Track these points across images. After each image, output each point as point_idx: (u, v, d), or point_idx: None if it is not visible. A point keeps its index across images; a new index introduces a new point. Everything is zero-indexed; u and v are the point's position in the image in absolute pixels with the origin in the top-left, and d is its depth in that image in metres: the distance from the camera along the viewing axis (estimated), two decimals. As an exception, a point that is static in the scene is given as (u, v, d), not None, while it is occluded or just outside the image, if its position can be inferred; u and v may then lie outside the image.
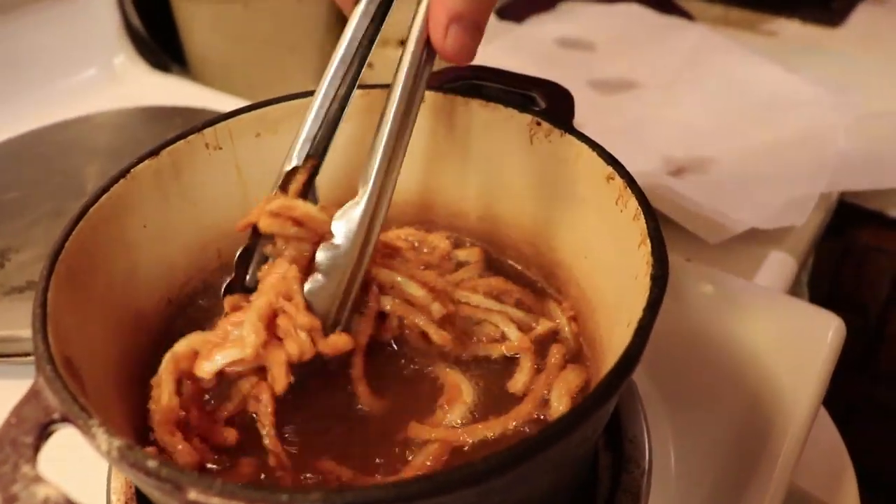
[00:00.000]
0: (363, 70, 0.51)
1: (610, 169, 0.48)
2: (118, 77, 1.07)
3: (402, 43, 0.47)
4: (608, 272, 0.49)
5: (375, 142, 0.46)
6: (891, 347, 1.15)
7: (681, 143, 0.92)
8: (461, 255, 0.58)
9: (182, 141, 0.54)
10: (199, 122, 0.54)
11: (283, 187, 0.51)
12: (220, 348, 0.44)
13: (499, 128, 0.55)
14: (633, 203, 0.45)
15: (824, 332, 0.65)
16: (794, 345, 0.63)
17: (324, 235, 0.47)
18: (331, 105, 0.50)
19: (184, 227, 0.55)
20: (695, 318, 0.65)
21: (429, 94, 0.56)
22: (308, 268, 0.47)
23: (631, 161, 0.86)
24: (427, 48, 0.46)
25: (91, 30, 1.06)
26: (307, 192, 0.51)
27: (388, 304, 0.50)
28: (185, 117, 0.93)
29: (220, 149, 0.55)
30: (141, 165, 0.51)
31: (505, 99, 0.56)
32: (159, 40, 1.15)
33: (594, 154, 0.49)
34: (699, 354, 0.63)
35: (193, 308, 0.57)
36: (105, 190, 0.49)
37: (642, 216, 0.44)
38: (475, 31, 0.45)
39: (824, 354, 0.63)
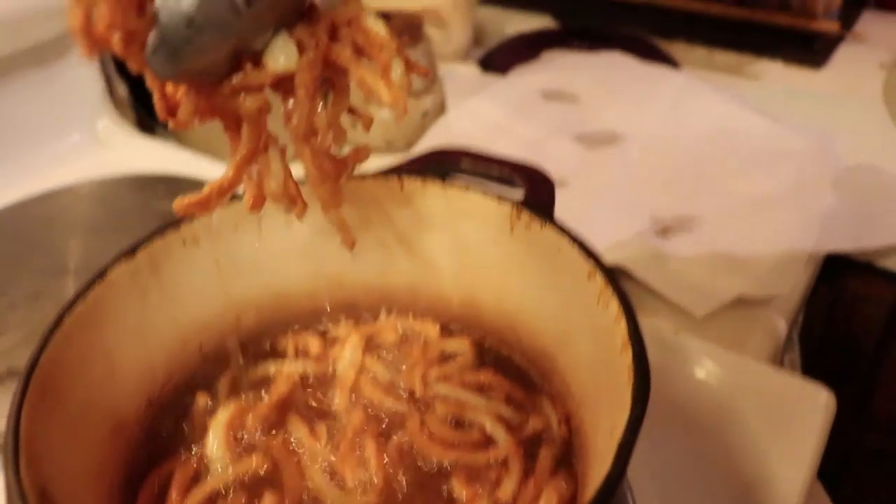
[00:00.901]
0: None
1: (590, 266, 0.47)
2: (102, 141, 1.06)
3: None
4: (592, 369, 0.48)
5: None
6: (884, 394, 1.15)
7: (667, 200, 0.91)
8: (451, 345, 0.58)
9: (158, 238, 0.53)
10: (174, 219, 0.53)
11: None
12: None
13: (479, 216, 0.54)
14: (615, 304, 0.45)
15: (815, 406, 0.64)
16: (785, 422, 0.63)
17: None
18: None
19: (163, 324, 0.55)
20: (682, 396, 0.65)
21: (408, 181, 0.56)
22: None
23: (618, 223, 0.87)
24: None
25: (74, 94, 1.05)
26: None
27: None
28: (168, 186, 0.92)
29: (198, 244, 0.55)
30: (117, 268, 0.50)
31: (485, 184, 0.55)
32: (143, 102, 1.14)
33: (574, 249, 0.49)
34: (689, 438, 0.63)
35: (175, 406, 0.56)
36: (80, 296, 0.48)
37: (624, 319, 0.43)
38: None
39: (816, 430, 0.62)
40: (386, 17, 0.71)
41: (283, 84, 0.36)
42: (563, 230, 0.50)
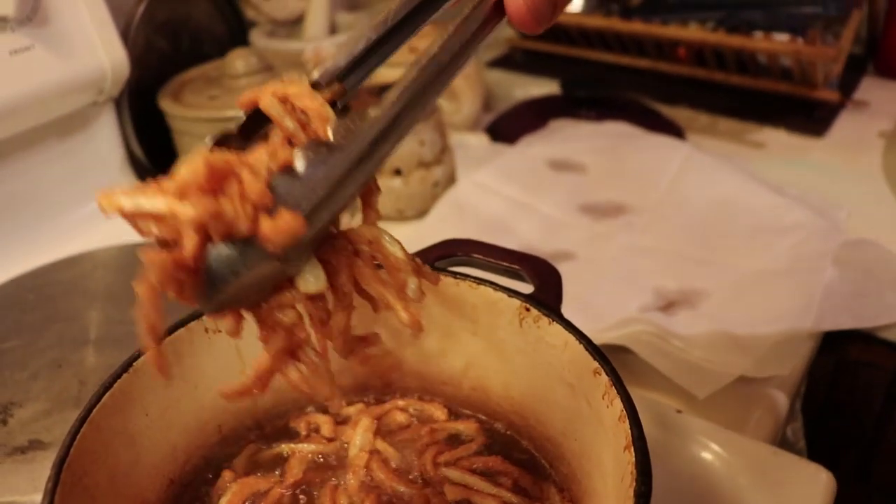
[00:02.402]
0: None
1: (596, 364, 0.50)
2: (121, 208, 1.09)
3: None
4: (596, 462, 0.50)
5: (409, 69, 0.41)
6: (886, 460, 1.16)
7: (671, 274, 0.94)
8: (460, 427, 0.60)
9: (183, 329, 0.56)
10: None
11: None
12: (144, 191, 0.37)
13: (488, 310, 0.57)
14: (619, 403, 0.47)
15: (815, 486, 0.66)
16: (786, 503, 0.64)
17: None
18: (388, 34, 0.43)
19: (185, 408, 0.57)
20: (683, 476, 0.67)
21: (421, 274, 0.58)
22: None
23: (623, 297, 0.89)
24: (496, 7, 0.43)
25: (95, 163, 1.09)
26: None
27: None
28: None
29: (220, 332, 0.57)
30: (143, 358, 0.53)
31: (494, 278, 0.58)
32: (161, 167, 1.17)
33: (581, 346, 0.51)
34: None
35: (195, 485, 0.58)
36: (108, 387, 0.50)
37: (627, 420, 0.45)
38: (552, 1, 0.42)
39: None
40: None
41: (314, 298, 0.40)
42: (570, 326, 0.52)
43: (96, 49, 0.99)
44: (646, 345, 0.78)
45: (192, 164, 0.35)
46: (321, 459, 0.59)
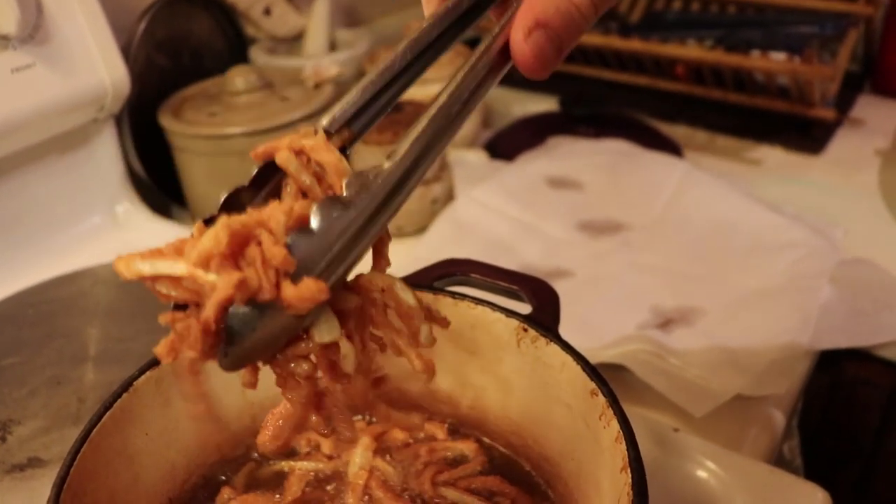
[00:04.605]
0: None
1: (594, 385, 0.50)
2: (121, 224, 1.10)
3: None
4: (594, 482, 0.51)
5: (419, 119, 0.41)
6: (883, 478, 1.16)
7: (668, 292, 0.94)
8: (460, 447, 0.60)
9: (182, 346, 0.56)
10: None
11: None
12: (162, 255, 0.38)
13: (486, 330, 0.57)
14: (616, 424, 0.47)
15: (811, 506, 0.66)
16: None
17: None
18: (394, 78, 0.43)
19: (184, 427, 0.57)
20: (679, 494, 0.67)
21: (421, 295, 0.58)
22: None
23: (620, 315, 0.89)
24: (502, 53, 0.44)
25: (95, 179, 1.09)
26: None
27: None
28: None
29: (220, 351, 0.57)
30: (142, 377, 0.53)
31: (492, 298, 0.58)
32: (161, 183, 1.18)
33: (578, 367, 0.51)
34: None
35: (195, 501, 0.58)
36: (108, 407, 0.51)
37: (624, 442, 0.46)
38: (557, 46, 0.43)
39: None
40: (398, 107, 0.74)
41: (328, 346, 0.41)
42: (567, 347, 0.53)
43: (97, 66, 1.00)
44: (643, 363, 0.79)
45: (214, 233, 0.36)
46: (321, 477, 0.60)
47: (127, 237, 1.08)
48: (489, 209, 1.09)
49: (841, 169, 1.29)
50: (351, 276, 0.42)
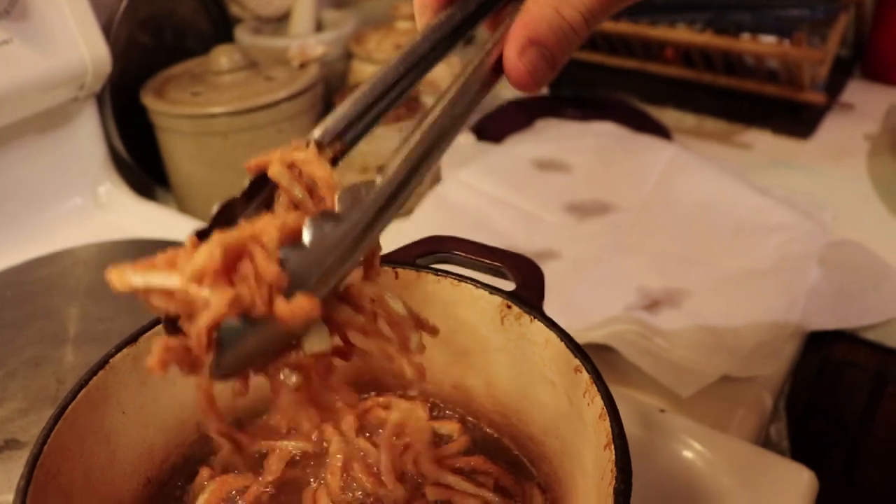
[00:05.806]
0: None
1: (577, 361, 0.49)
2: (103, 205, 1.09)
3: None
4: (578, 460, 0.50)
5: (412, 134, 0.41)
6: (870, 459, 1.16)
7: (655, 273, 0.93)
8: (442, 427, 0.59)
9: (160, 324, 0.55)
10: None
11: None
12: (155, 267, 0.37)
13: (469, 307, 0.56)
14: (599, 401, 0.46)
15: (798, 486, 0.66)
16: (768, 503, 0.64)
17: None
18: (387, 90, 0.43)
19: (163, 406, 0.56)
20: (666, 475, 0.66)
21: (403, 272, 0.58)
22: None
23: (607, 296, 0.89)
24: (495, 68, 0.44)
25: (77, 159, 1.08)
26: None
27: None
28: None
29: (199, 328, 0.56)
30: (119, 355, 0.52)
31: (476, 275, 0.57)
32: (143, 163, 1.17)
33: (562, 344, 0.51)
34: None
35: (172, 484, 0.57)
36: (83, 384, 0.50)
37: (608, 419, 0.45)
38: (550, 63, 0.44)
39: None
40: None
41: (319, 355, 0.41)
42: (551, 323, 0.52)
43: (77, 43, 0.98)
44: (630, 344, 0.78)
45: (208, 249, 0.36)
46: (301, 457, 0.59)
47: (109, 219, 1.07)
48: (476, 191, 1.08)
49: (830, 153, 1.28)
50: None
